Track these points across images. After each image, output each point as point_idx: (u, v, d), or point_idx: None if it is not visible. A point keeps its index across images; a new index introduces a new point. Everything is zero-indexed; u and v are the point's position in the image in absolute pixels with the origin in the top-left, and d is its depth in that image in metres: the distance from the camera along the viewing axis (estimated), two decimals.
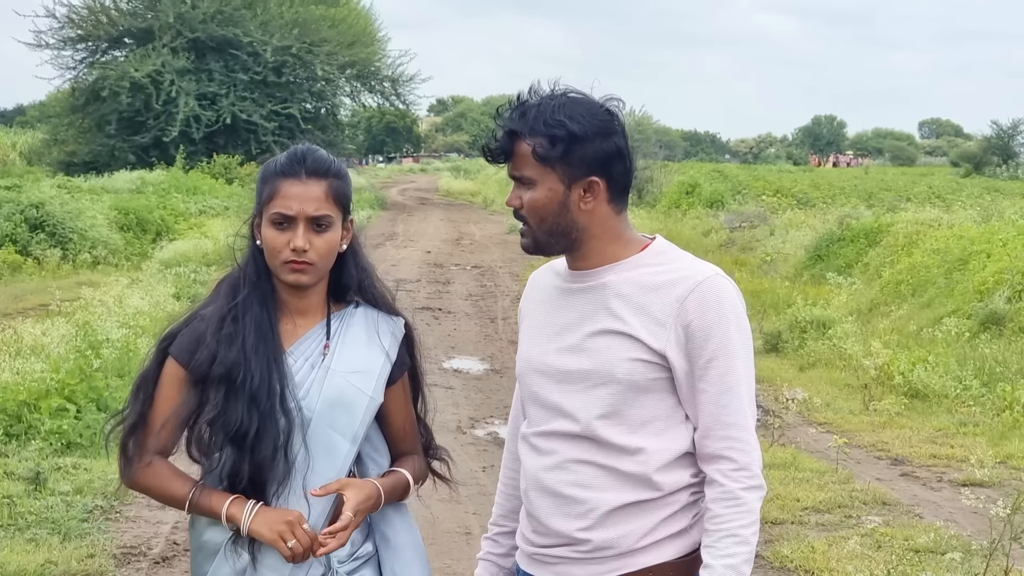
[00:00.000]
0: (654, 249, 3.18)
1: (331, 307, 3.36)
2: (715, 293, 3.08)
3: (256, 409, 3.15)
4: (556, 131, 3.04)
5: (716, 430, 3.09)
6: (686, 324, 3.05)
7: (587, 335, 3.12)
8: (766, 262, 24.16)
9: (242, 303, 3.25)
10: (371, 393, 3.30)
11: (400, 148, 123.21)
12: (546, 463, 3.16)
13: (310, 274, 3.22)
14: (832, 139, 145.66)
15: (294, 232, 3.18)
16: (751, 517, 3.07)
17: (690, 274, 3.10)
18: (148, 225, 27.90)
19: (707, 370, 3.07)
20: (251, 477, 3.15)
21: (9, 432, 9.84)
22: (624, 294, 3.10)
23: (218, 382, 3.19)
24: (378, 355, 3.33)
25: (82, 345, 12.07)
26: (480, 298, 20.76)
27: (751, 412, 3.14)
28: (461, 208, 48.22)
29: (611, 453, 3.10)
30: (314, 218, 3.19)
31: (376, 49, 55.09)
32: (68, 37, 49.91)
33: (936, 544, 7.82)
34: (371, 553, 3.37)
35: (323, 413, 3.22)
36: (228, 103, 47.97)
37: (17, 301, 18.63)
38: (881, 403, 12.53)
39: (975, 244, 17.93)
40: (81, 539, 7.73)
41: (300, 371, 3.25)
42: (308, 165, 3.23)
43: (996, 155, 66.93)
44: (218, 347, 3.20)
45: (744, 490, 3.07)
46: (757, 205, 33.98)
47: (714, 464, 3.09)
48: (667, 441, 3.12)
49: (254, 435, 3.14)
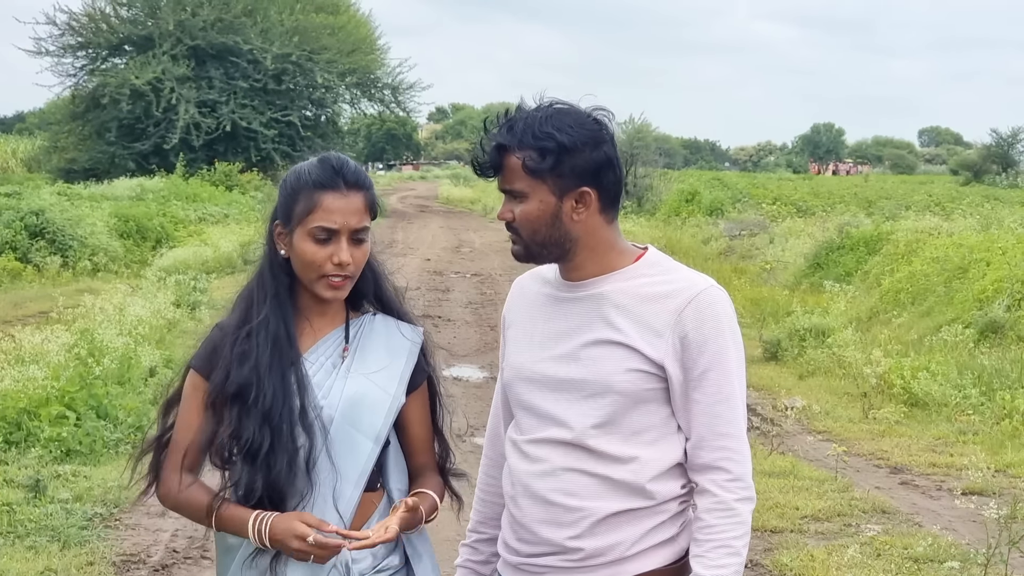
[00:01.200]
0: (648, 260, 3.18)
1: (349, 313, 3.34)
2: (711, 304, 3.09)
3: (268, 426, 3.14)
4: (545, 143, 3.04)
5: (710, 440, 3.09)
6: (683, 335, 3.06)
7: (582, 344, 3.12)
8: (765, 270, 24.18)
9: (257, 317, 3.23)
10: (393, 392, 3.28)
11: (400, 155, 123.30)
12: (536, 470, 3.16)
13: (347, 288, 3.23)
14: (832, 147, 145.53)
15: (337, 246, 3.16)
16: (743, 528, 3.08)
17: (687, 285, 3.11)
18: (148, 232, 27.92)
19: (702, 380, 3.08)
20: (268, 493, 3.14)
21: (9, 439, 9.84)
22: (621, 304, 3.10)
23: (232, 400, 3.18)
24: (399, 356, 3.32)
25: (82, 353, 12.06)
26: (480, 306, 20.75)
27: (743, 422, 3.15)
28: (461, 216, 48.20)
29: (604, 462, 3.10)
30: (356, 230, 3.18)
31: (376, 57, 55.09)
32: (68, 44, 49.90)
33: (935, 552, 7.82)
34: (397, 567, 3.33)
35: (345, 412, 3.21)
36: (228, 110, 47.96)
37: (17, 308, 18.63)
38: (880, 411, 12.52)
39: (975, 252, 17.94)
40: (81, 546, 7.73)
41: (319, 373, 3.24)
42: (348, 177, 3.20)
43: (996, 163, 66.98)
44: (231, 365, 3.20)
45: (738, 501, 3.08)
46: (757, 213, 34.01)
47: (707, 474, 3.10)
48: (660, 451, 3.12)
49: (267, 451, 3.13)
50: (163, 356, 13.15)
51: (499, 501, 3.38)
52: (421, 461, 3.42)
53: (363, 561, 3.24)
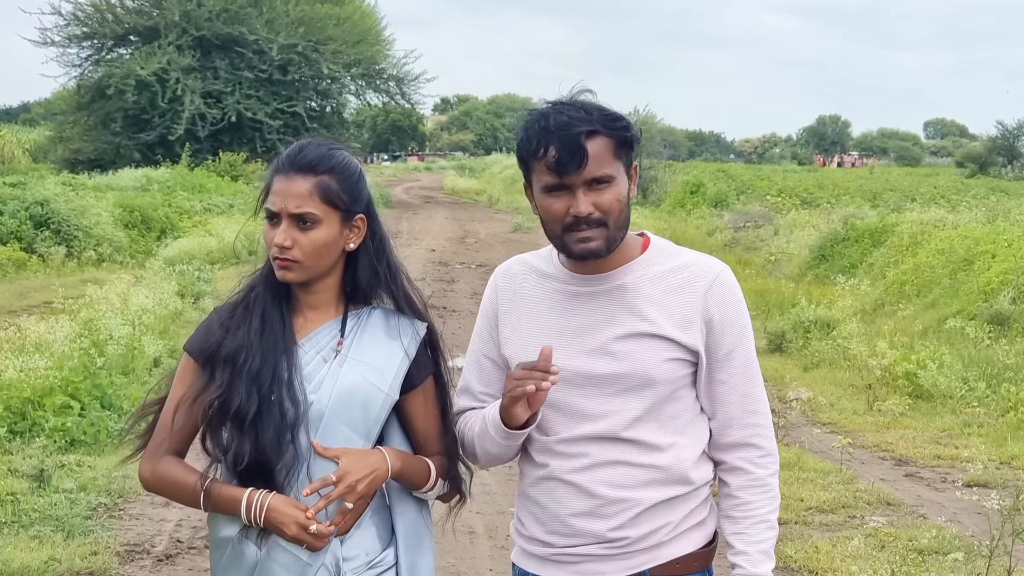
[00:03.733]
0: (656, 247, 3.18)
1: (348, 306, 3.31)
2: (730, 286, 3.13)
3: (257, 392, 3.11)
4: (620, 122, 3.00)
5: (740, 418, 3.12)
6: (708, 319, 3.08)
7: (614, 338, 3.09)
8: (770, 262, 24.17)
9: (254, 294, 3.24)
10: (386, 390, 3.23)
11: (405, 147, 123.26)
12: (577, 465, 3.13)
13: (295, 271, 3.17)
14: (837, 139, 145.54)
15: (278, 229, 3.16)
16: (777, 502, 3.14)
17: (703, 269, 3.12)
18: (153, 223, 27.95)
19: (728, 361, 3.10)
20: (257, 460, 3.10)
21: (13, 429, 9.85)
22: (647, 295, 3.09)
23: (223, 364, 3.17)
24: (396, 353, 3.27)
25: (86, 342, 12.08)
26: None
27: (767, 399, 3.19)
28: (466, 207, 48.18)
29: (646, 451, 3.10)
30: (296, 215, 3.14)
31: (381, 48, 55.11)
32: (74, 35, 49.96)
33: (939, 544, 7.81)
34: (391, 564, 3.29)
35: (336, 408, 3.17)
36: (233, 101, 48.01)
37: (22, 298, 18.65)
38: (885, 403, 12.52)
39: (980, 245, 17.91)
40: (85, 536, 7.73)
41: (311, 363, 3.21)
42: (297, 161, 3.19)
43: (1001, 155, 66.82)
44: (225, 332, 3.20)
45: (771, 476, 3.14)
46: (761, 205, 33.99)
47: (739, 452, 3.13)
48: (692, 436, 3.15)
49: (254, 416, 3.10)
50: (167, 346, 13.17)
51: None
52: (427, 455, 3.37)
53: (355, 559, 3.22)
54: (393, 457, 3.22)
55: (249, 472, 3.13)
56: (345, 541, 3.22)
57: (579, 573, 3.16)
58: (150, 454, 3.26)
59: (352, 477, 3.11)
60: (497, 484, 9.04)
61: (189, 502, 3.21)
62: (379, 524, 3.30)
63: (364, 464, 3.15)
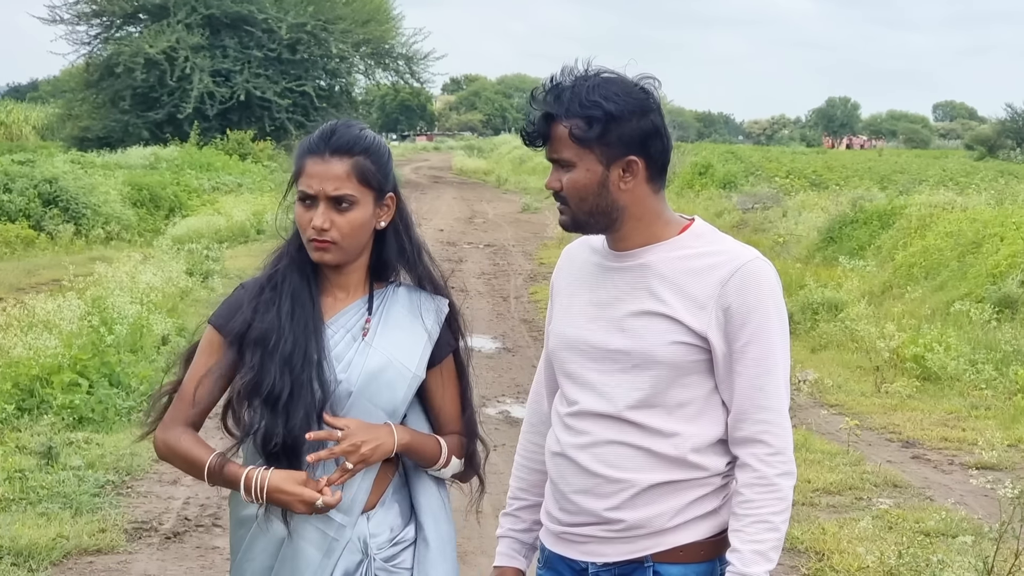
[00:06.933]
0: (695, 231, 3.17)
1: (374, 284, 3.33)
2: (755, 276, 3.07)
3: (290, 373, 3.14)
4: (592, 112, 3.02)
5: (751, 413, 3.08)
6: (726, 307, 3.05)
7: (627, 315, 3.11)
8: (778, 243, 24.09)
9: (281, 273, 3.25)
10: (414, 369, 3.27)
11: (414, 126, 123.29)
12: (579, 442, 3.15)
13: (333, 252, 3.20)
14: (846, 121, 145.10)
15: (316, 211, 3.17)
16: (784, 504, 3.07)
17: (731, 257, 3.09)
18: (161, 201, 27.95)
19: (744, 353, 3.06)
20: (285, 443, 3.13)
21: (21, 407, 9.87)
22: (665, 275, 3.09)
23: (254, 345, 3.19)
24: (420, 332, 3.31)
25: (95, 320, 12.10)
26: (493, 276, 20.75)
27: (786, 396, 3.13)
28: (474, 187, 48.17)
29: (646, 434, 3.09)
30: (334, 197, 3.16)
31: (391, 27, 55.06)
32: (82, 12, 49.96)
33: (947, 527, 7.81)
34: (412, 539, 3.34)
35: (364, 387, 3.21)
36: (242, 80, 47.99)
37: (30, 276, 18.68)
38: (893, 385, 12.51)
39: (989, 227, 17.85)
40: (92, 514, 7.75)
41: (340, 343, 3.24)
42: (332, 143, 3.19)
43: (1010, 138, 66.57)
44: (255, 313, 3.21)
45: (779, 476, 3.07)
46: (770, 186, 33.86)
47: (748, 448, 3.09)
48: (702, 425, 3.12)
49: (287, 399, 3.12)
50: (175, 324, 13.19)
51: (539, 468, 3.37)
52: (446, 433, 3.39)
53: (381, 535, 3.26)
54: (401, 431, 3.24)
55: (277, 452, 3.15)
56: (371, 518, 3.26)
57: (585, 554, 3.18)
58: (167, 423, 3.27)
59: (356, 437, 3.14)
60: (504, 464, 9.02)
61: (199, 476, 3.23)
62: (400, 502, 3.35)
63: (370, 431, 3.18)
